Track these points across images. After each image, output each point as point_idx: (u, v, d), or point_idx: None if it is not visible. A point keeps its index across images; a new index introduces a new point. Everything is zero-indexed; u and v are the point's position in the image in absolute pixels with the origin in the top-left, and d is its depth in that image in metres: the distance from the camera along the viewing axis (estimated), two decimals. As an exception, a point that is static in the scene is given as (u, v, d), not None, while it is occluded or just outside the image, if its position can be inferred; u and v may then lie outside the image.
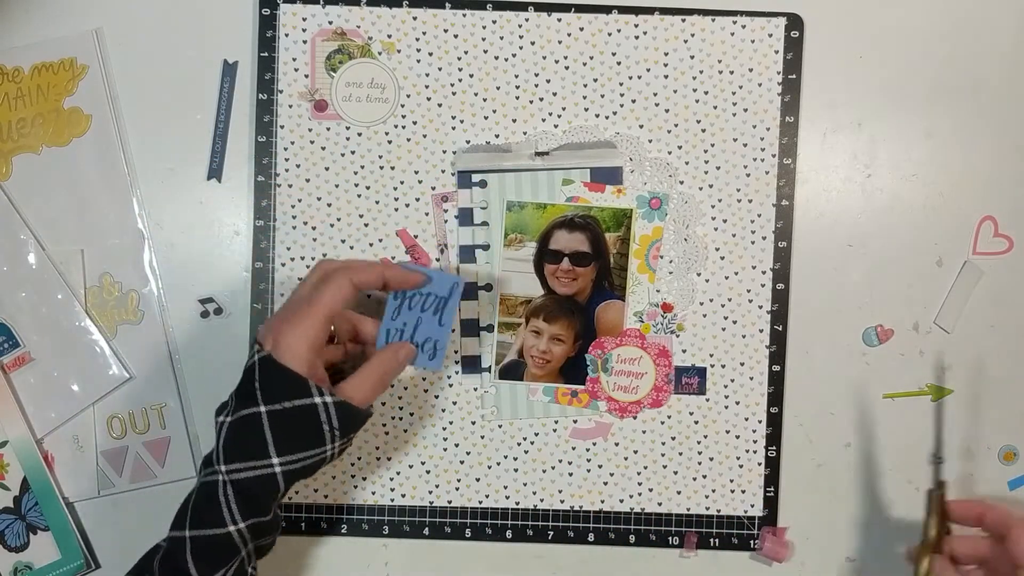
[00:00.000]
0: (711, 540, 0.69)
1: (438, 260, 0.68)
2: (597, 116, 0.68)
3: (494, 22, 0.67)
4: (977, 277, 0.69)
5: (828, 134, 0.69)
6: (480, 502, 0.69)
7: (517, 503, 0.69)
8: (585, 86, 0.68)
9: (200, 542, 0.53)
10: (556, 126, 0.68)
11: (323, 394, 0.54)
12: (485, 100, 0.68)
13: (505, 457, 0.69)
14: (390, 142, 0.68)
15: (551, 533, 0.69)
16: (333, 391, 0.55)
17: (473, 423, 0.68)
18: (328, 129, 0.68)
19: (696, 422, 0.69)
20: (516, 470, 0.69)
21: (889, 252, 0.69)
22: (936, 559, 0.59)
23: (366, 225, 0.68)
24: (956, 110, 0.69)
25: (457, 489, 0.69)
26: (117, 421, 0.68)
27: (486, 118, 0.68)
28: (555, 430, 0.69)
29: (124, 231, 0.67)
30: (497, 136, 0.68)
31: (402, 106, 0.68)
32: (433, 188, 0.68)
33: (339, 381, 0.57)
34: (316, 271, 0.58)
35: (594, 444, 0.69)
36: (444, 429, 0.68)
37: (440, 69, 0.68)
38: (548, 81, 0.68)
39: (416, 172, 0.68)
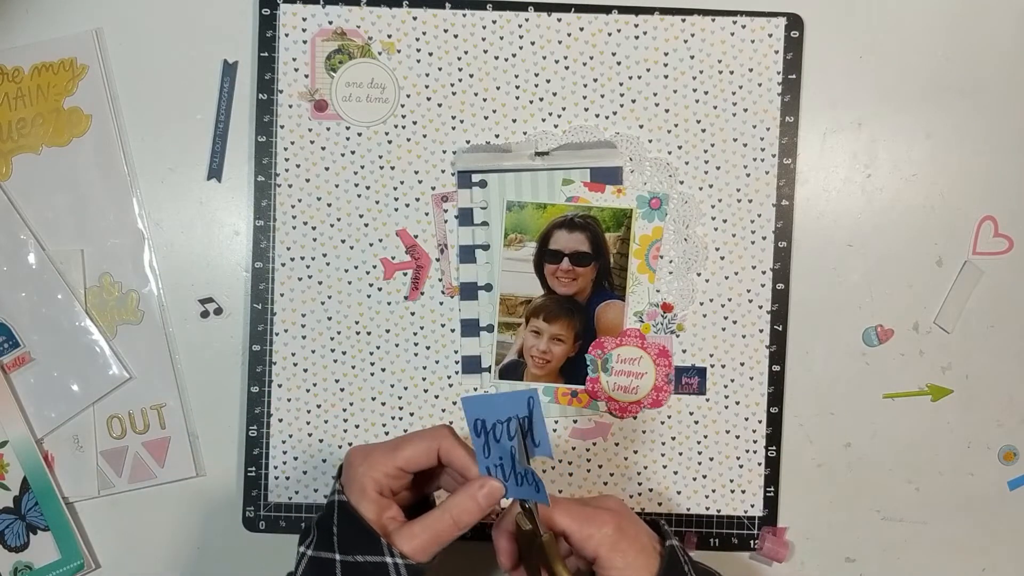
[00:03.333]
0: (711, 540, 0.69)
1: (438, 260, 0.68)
2: (597, 116, 0.68)
3: (494, 22, 0.68)
4: (977, 277, 0.69)
5: (828, 134, 0.69)
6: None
7: (517, 503, 0.69)
8: (585, 86, 0.68)
9: None
10: (556, 126, 0.68)
11: (394, 555, 0.52)
12: (485, 100, 0.68)
13: (505, 457, 0.69)
14: (390, 142, 0.68)
15: (551, 533, 0.69)
16: (403, 552, 0.52)
17: (473, 423, 0.68)
18: (328, 129, 0.68)
19: (696, 422, 0.69)
20: (516, 470, 0.69)
21: (889, 252, 0.69)
22: None
23: (366, 225, 0.68)
24: (956, 110, 0.69)
25: (457, 489, 0.69)
26: (117, 421, 0.68)
27: (486, 118, 0.68)
28: (555, 430, 0.69)
29: (124, 231, 0.67)
30: (497, 136, 0.68)
31: (402, 106, 0.68)
32: (433, 188, 0.68)
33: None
34: (425, 430, 0.56)
35: (594, 444, 0.69)
36: (444, 429, 0.68)
37: (440, 69, 0.68)
38: (548, 81, 0.68)
39: (416, 172, 0.68)
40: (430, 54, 0.68)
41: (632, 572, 0.53)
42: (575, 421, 0.69)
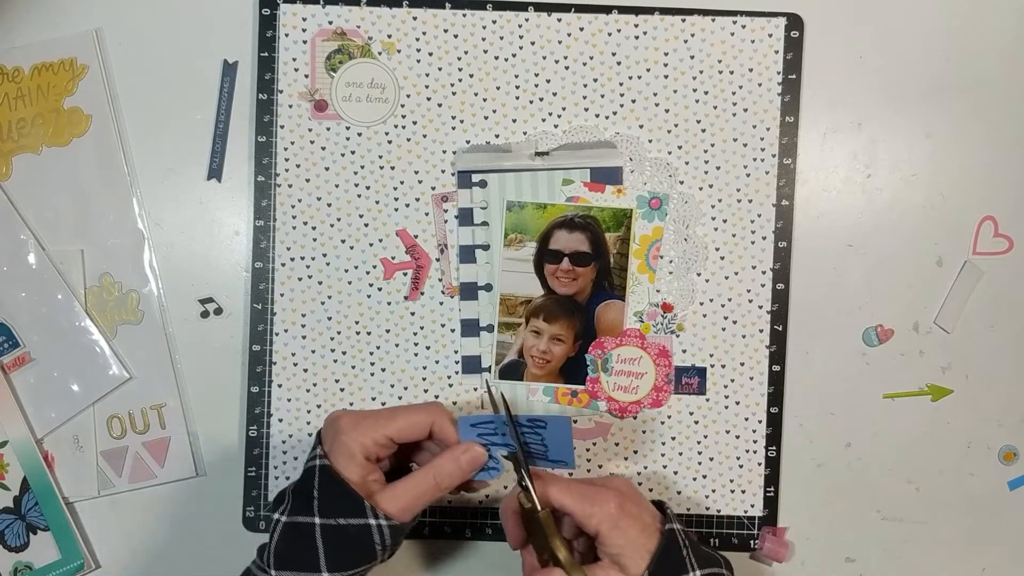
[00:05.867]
0: (711, 540, 0.69)
1: (438, 260, 0.68)
2: (597, 116, 0.68)
3: (494, 22, 0.68)
4: (977, 277, 0.69)
5: (828, 134, 0.69)
6: (480, 502, 0.69)
7: (517, 503, 0.69)
8: (585, 86, 0.68)
9: None
10: (556, 126, 0.68)
11: (378, 516, 0.53)
12: (485, 100, 0.68)
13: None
14: (390, 142, 0.68)
15: (551, 533, 0.69)
16: (387, 512, 0.53)
17: (473, 423, 0.68)
18: (328, 129, 0.68)
19: (696, 422, 0.69)
20: (516, 470, 0.69)
21: (889, 252, 0.69)
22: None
23: (366, 225, 0.68)
24: (956, 110, 0.69)
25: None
26: (117, 421, 0.68)
27: (486, 118, 0.68)
28: (555, 430, 0.69)
29: (124, 231, 0.67)
30: (497, 136, 0.68)
31: (402, 106, 0.68)
32: (433, 188, 0.68)
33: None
34: (420, 404, 0.59)
35: (594, 444, 0.69)
36: (444, 429, 0.68)
37: (440, 69, 0.68)
38: (548, 81, 0.68)
39: (416, 172, 0.68)
40: (430, 54, 0.68)
41: (631, 550, 0.54)
42: (575, 421, 0.69)
